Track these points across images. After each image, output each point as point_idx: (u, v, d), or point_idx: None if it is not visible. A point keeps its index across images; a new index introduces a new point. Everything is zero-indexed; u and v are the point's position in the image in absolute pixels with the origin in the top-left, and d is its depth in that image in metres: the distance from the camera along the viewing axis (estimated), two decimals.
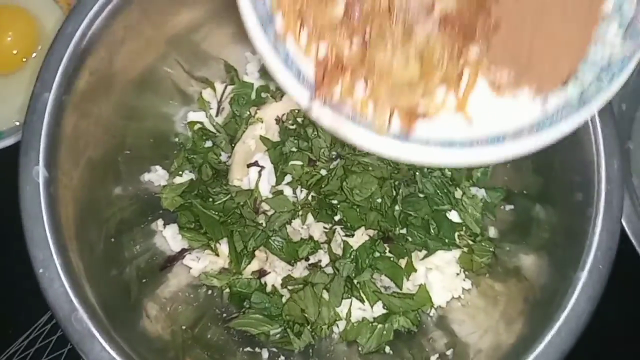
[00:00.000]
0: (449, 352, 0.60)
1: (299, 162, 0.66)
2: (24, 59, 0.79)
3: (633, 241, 0.69)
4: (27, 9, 0.78)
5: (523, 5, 0.39)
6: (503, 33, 0.39)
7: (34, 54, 0.79)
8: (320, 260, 0.66)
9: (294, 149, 0.66)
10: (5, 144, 0.71)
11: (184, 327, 0.61)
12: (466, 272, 0.67)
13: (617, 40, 0.40)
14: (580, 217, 0.55)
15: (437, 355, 0.60)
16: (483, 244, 0.65)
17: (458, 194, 0.66)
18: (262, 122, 0.68)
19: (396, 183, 0.66)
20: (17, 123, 0.75)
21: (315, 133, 0.66)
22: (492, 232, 0.68)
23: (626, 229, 0.70)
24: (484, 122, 0.41)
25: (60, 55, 0.54)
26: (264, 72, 0.73)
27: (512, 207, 0.67)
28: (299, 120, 0.67)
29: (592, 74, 0.40)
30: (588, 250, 0.53)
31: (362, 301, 0.65)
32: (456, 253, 0.66)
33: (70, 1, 0.77)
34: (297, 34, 0.39)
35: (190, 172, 0.70)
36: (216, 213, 0.66)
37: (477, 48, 0.39)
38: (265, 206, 0.66)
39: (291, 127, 0.67)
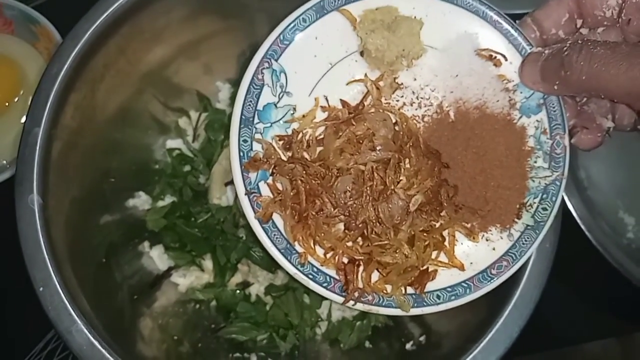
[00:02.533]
0: (422, 338, 0.65)
1: None
2: (7, 104, 0.83)
3: (581, 225, 0.76)
4: (9, 55, 0.83)
5: (470, 170, 0.50)
6: (462, 195, 0.50)
7: (17, 98, 0.83)
8: None
9: None
10: None
11: (175, 338, 0.65)
12: None
13: (546, 168, 0.51)
14: None
15: (411, 342, 0.65)
16: None
17: None
18: None
19: None
20: (5, 162, 0.80)
21: None
22: None
23: (575, 216, 0.77)
24: (473, 265, 0.52)
25: (47, 93, 0.59)
26: (234, 99, 0.79)
27: None
28: None
29: (536, 200, 0.51)
30: None
31: None
32: None
33: (49, 47, 0.82)
34: (314, 252, 0.49)
35: (172, 195, 0.75)
36: (198, 230, 0.71)
37: (449, 211, 0.50)
38: (244, 220, 0.71)
39: None
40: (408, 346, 0.65)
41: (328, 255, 0.50)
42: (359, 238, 0.50)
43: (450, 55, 0.51)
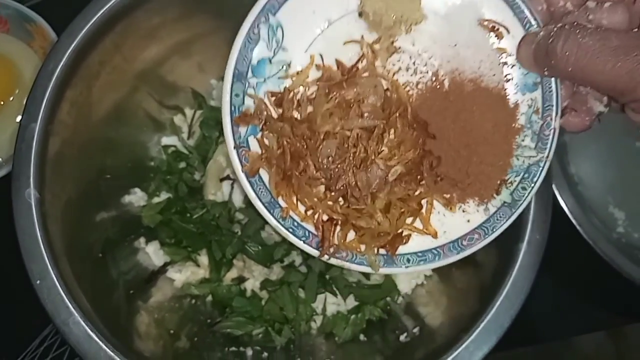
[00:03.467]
0: (415, 330, 0.66)
1: None
2: (2, 102, 0.84)
3: (572, 220, 0.77)
4: (4, 54, 0.84)
5: (455, 143, 0.50)
6: (444, 167, 0.51)
7: (12, 97, 0.84)
8: (293, 261, 0.72)
9: None
10: None
11: (172, 332, 0.66)
12: None
13: (532, 148, 0.51)
14: None
15: (405, 334, 0.66)
16: None
17: None
18: None
19: None
20: (0, 159, 0.80)
21: None
22: None
23: (566, 211, 0.78)
24: (446, 233, 0.53)
25: (44, 89, 0.60)
26: None
27: None
28: None
29: (517, 178, 0.52)
30: (525, 224, 0.60)
31: (335, 295, 0.71)
32: None
33: (45, 46, 0.83)
34: (296, 208, 0.51)
35: (167, 192, 0.76)
36: (194, 226, 0.72)
37: (429, 182, 0.51)
38: (239, 216, 0.72)
39: None
40: (402, 338, 0.66)
41: (308, 213, 0.51)
42: (340, 198, 0.51)
43: (451, 23, 0.50)
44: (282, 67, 0.51)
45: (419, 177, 0.51)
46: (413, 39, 0.51)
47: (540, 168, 0.51)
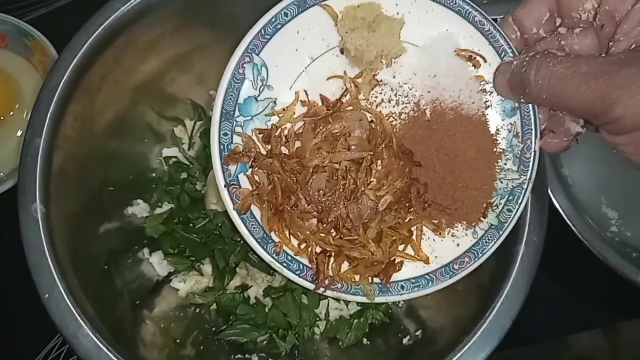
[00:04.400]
0: (418, 333, 0.67)
1: None
2: (1, 118, 0.84)
3: (567, 220, 0.79)
4: (4, 69, 0.84)
5: (440, 170, 0.53)
6: (431, 193, 0.53)
7: (12, 112, 0.84)
8: None
9: None
10: None
11: (178, 341, 0.66)
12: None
13: (514, 171, 0.53)
14: None
15: (408, 337, 0.67)
16: None
17: None
18: None
19: None
20: (2, 174, 0.81)
21: None
22: None
23: (561, 212, 0.80)
24: (437, 259, 0.55)
25: (47, 104, 0.60)
26: None
27: None
28: None
29: (502, 201, 0.54)
30: (523, 226, 0.62)
31: (338, 300, 0.72)
32: None
33: (44, 61, 0.83)
34: (289, 242, 0.53)
35: (169, 202, 0.77)
36: (197, 236, 0.73)
37: (417, 209, 0.53)
38: None
39: None
40: (405, 341, 0.67)
41: (302, 246, 0.52)
42: (332, 230, 0.52)
43: (430, 54, 0.53)
44: (269, 105, 0.52)
45: (407, 204, 0.53)
46: (394, 72, 0.53)
47: (524, 190, 0.53)
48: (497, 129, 0.53)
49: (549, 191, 0.78)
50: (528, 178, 0.53)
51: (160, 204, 0.76)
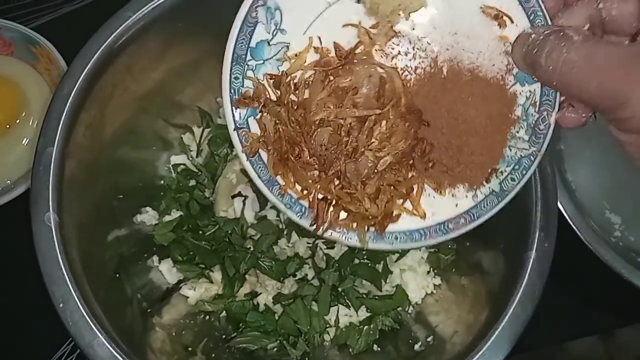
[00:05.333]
0: (429, 339, 0.67)
1: None
2: (7, 126, 0.84)
3: (573, 226, 0.80)
4: (10, 77, 0.84)
5: (447, 133, 0.52)
6: (435, 153, 0.52)
7: (18, 120, 0.84)
8: (306, 275, 0.73)
9: None
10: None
11: (189, 349, 0.66)
12: (435, 270, 0.75)
13: (525, 140, 0.52)
14: (522, 205, 0.64)
15: (419, 344, 0.67)
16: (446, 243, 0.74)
17: None
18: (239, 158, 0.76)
19: None
20: (9, 182, 0.80)
21: None
22: None
23: (566, 216, 0.80)
24: (434, 215, 0.54)
25: (59, 113, 0.60)
26: None
27: None
28: None
29: (508, 169, 0.53)
30: (534, 232, 0.62)
31: (347, 307, 0.72)
32: (424, 253, 0.75)
33: (50, 68, 0.83)
34: (293, 187, 0.53)
35: (178, 210, 0.77)
36: (207, 243, 0.73)
37: (420, 168, 0.53)
38: (251, 231, 0.73)
39: None
40: (416, 347, 0.67)
41: (304, 192, 0.53)
42: (335, 179, 0.53)
43: (453, 8, 0.50)
44: (281, 49, 0.51)
45: (410, 163, 0.53)
46: (413, 23, 0.50)
47: (532, 162, 0.52)
48: (514, 95, 0.50)
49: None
50: (538, 150, 0.51)
51: (168, 211, 0.76)
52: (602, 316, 0.88)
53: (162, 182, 0.78)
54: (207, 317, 0.73)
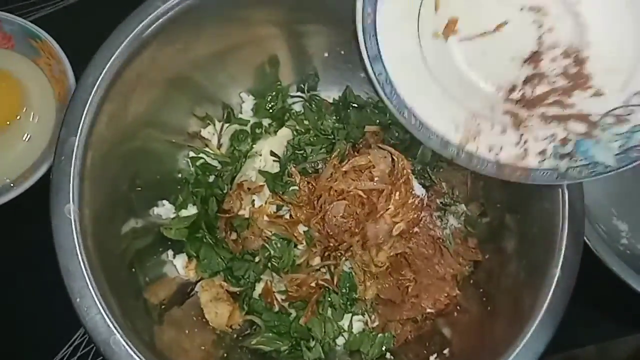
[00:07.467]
0: (445, 351, 0.66)
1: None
2: (8, 122, 0.81)
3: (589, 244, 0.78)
4: (10, 71, 0.81)
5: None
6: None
7: (18, 116, 0.81)
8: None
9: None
10: None
11: (203, 348, 0.65)
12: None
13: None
14: (548, 223, 0.63)
15: (435, 355, 0.66)
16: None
17: None
18: (260, 154, 0.75)
19: None
20: (8, 180, 0.78)
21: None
22: (471, 242, 0.75)
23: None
24: None
25: (84, 102, 0.59)
26: (256, 110, 0.80)
27: (487, 219, 0.75)
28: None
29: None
30: (559, 250, 0.61)
31: (362, 314, 0.71)
32: None
33: (51, 63, 0.80)
34: None
35: (194, 205, 0.75)
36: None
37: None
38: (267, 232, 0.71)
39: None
40: (432, 358, 0.66)
41: None
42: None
43: None
44: None
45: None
46: None
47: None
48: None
49: None
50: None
51: (185, 206, 0.74)
52: (609, 323, 0.87)
53: (179, 175, 0.76)
54: None
